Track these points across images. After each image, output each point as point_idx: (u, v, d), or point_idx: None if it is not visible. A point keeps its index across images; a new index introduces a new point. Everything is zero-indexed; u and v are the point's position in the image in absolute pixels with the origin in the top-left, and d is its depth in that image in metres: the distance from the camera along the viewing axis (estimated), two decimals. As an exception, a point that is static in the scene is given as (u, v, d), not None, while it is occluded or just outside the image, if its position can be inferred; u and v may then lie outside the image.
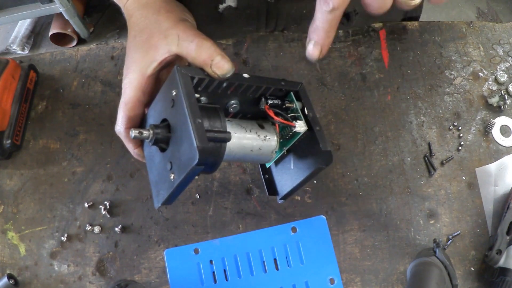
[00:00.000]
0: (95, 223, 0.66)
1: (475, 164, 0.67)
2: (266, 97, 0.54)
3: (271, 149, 0.54)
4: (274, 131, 0.54)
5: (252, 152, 0.53)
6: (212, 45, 0.48)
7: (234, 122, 0.53)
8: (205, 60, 0.48)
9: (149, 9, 0.52)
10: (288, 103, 0.55)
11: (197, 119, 0.44)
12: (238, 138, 0.52)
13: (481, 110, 0.71)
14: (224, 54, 0.48)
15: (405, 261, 0.62)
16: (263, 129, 0.54)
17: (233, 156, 0.53)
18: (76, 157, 0.71)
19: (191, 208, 0.66)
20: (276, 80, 0.54)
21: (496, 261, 0.57)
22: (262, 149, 0.53)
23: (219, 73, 0.48)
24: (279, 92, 0.54)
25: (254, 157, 0.54)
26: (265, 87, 0.53)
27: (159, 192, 0.49)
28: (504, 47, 0.75)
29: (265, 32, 0.77)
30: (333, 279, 0.58)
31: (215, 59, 0.47)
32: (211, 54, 0.48)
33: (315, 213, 0.62)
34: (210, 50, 0.48)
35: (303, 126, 0.52)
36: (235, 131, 0.51)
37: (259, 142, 0.53)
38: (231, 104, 0.54)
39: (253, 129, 0.53)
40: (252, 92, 0.53)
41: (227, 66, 0.48)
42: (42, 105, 0.75)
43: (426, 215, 0.65)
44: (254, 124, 0.54)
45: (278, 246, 0.59)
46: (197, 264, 0.58)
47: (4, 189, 0.69)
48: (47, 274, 0.64)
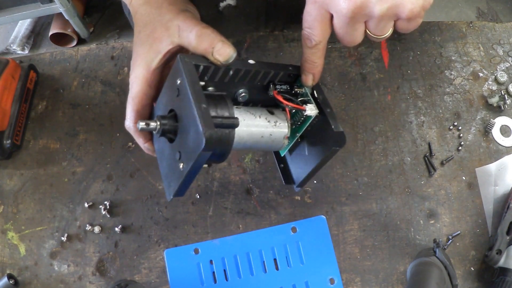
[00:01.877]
0: (95, 223, 0.66)
1: (475, 164, 0.67)
2: (275, 83, 0.53)
3: (282, 135, 0.53)
4: (285, 117, 0.53)
5: (263, 138, 0.52)
6: (212, 32, 0.48)
7: (243, 109, 0.52)
8: (206, 48, 0.47)
9: (152, 4, 0.52)
10: (297, 88, 0.54)
11: (202, 104, 0.43)
12: (247, 125, 0.51)
13: (481, 110, 0.71)
14: (225, 39, 0.48)
15: (405, 261, 0.62)
16: (273, 115, 0.53)
17: (243, 144, 0.52)
18: (76, 157, 0.71)
19: (191, 208, 0.66)
20: (284, 66, 0.53)
21: (496, 261, 0.57)
22: (273, 135, 0.52)
23: (221, 60, 0.47)
24: (287, 78, 0.53)
25: (266, 144, 0.53)
26: (273, 72, 0.52)
27: (170, 184, 0.48)
28: (504, 47, 0.75)
29: (265, 32, 0.77)
30: (333, 279, 0.58)
31: (216, 46, 0.47)
32: (211, 41, 0.47)
33: (315, 213, 0.62)
34: (210, 37, 0.48)
35: (314, 109, 0.51)
36: (244, 118, 0.51)
37: (269, 128, 0.52)
38: (239, 93, 0.53)
39: (262, 115, 0.52)
40: (260, 79, 0.52)
41: (228, 50, 0.47)
42: (42, 105, 0.75)
43: (426, 215, 0.65)
44: (263, 110, 0.53)
45: (278, 246, 0.59)
46: (197, 264, 0.58)
47: (4, 189, 0.69)
48: (47, 274, 0.64)
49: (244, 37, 0.77)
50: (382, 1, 0.42)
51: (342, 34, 0.47)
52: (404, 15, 0.43)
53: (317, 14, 0.46)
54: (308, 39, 0.48)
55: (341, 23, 0.46)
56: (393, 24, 0.46)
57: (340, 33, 0.47)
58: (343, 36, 0.47)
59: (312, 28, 0.47)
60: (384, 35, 0.47)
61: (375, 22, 0.45)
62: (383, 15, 0.43)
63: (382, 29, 0.45)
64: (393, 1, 0.42)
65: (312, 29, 0.47)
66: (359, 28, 0.46)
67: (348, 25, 0.45)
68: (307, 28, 0.48)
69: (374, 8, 0.43)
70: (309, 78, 0.51)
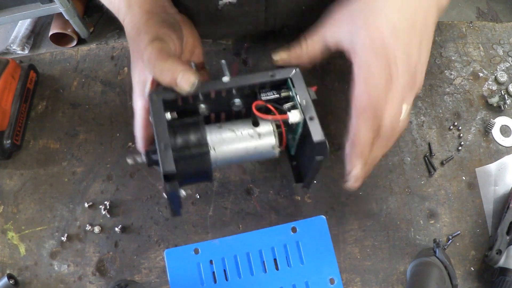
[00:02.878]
0: (95, 223, 0.66)
1: (475, 164, 0.67)
2: (260, 92, 0.53)
3: (269, 146, 0.53)
4: (271, 127, 0.53)
5: (248, 153, 0.53)
6: (173, 63, 0.48)
7: (225, 127, 0.53)
8: (170, 82, 0.48)
9: (134, 30, 0.52)
10: (284, 91, 0.53)
11: (162, 143, 0.48)
12: (228, 144, 0.52)
13: (481, 110, 0.71)
14: (187, 67, 0.48)
15: (405, 261, 0.62)
16: (258, 127, 0.53)
17: (230, 160, 0.53)
18: (76, 157, 0.71)
19: (191, 208, 0.66)
20: (264, 74, 0.52)
21: (496, 261, 0.57)
22: (258, 148, 0.53)
23: (186, 89, 0.48)
24: (273, 83, 0.53)
25: (255, 156, 0.54)
26: (248, 86, 0.52)
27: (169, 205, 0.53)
28: (504, 47, 0.75)
29: (265, 31, 0.77)
30: (333, 279, 0.58)
31: (178, 77, 0.47)
32: (172, 74, 0.47)
33: (315, 213, 0.62)
34: (170, 71, 0.48)
35: (298, 115, 0.50)
36: (223, 138, 0.52)
37: (253, 142, 0.52)
38: (233, 103, 0.54)
39: (245, 130, 0.53)
40: (243, 92, 0.53)
41: (191, 79, 0.47)
42: (42, 105, 0.75)
43: (426, 215, 0.65)
44: (248, 123, 0.53)
45: (278, 246, 0.59)
46: (197, 264, 0.58)
47: (4, 189, 0.70)
48: (47, 274, 0.64)
49: (244, 37, 0.77)
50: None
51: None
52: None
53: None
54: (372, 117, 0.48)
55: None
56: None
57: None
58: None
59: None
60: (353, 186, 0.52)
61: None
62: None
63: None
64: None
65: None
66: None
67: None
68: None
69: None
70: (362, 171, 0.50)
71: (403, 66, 0.46)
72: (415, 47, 0.47)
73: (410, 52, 0.47)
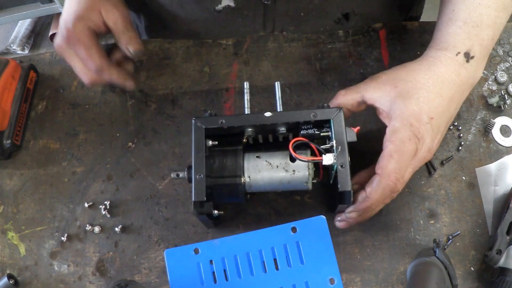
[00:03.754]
0: (95, 223, 0.66)
1: (475, 164, 0.67)
2: (302, 127, 0.56)
3: (302, 181, 0.56)
4: (306, 165, 0.56)
5: (282, 184, 0.57)
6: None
7: (263, 158, 0.56)
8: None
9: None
10: (324, 132, 0.56)
11: (199, 174, 0.52)
12: (263, 174, 0.56)
13: (481, 110, 0.71)
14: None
15: (405, 261, 0.62)
16: (294, 163, 0.56)
17: (264, 188, 0.57)
18: (76, 157, 0.71)
19: (191, 208, 0.66)
20: (307, 113, 0.55)
21: (496, 261, 0.57)
22: (292, 183, 0.56)
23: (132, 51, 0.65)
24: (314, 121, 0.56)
25: (288, 187, 0.57)
26: (287, 124, 0.55)
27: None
28: (504, 47, 0.75)
29: (265, 32, 0.77)
30: (333, 279, 0.58)
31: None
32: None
33: (315, 213, 0.62)
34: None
35: (332, 159, 0.53)
36: (259, 169, 0.56)
37: (287, 177, 0.56)
38: (278, 131, 0.56)
39: (280, 164, 0.56)
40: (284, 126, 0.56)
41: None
42: (42, 105, 0.75)
43: (426, 215, 0.65)
44: (285, 156, 0.56)
45: (278, 246, 0.59)
46: (197, 264, 0.58)
47: (4, 189, 0.70)
48: (47, 274, 0.64)
49: (244, 37, 0.77)
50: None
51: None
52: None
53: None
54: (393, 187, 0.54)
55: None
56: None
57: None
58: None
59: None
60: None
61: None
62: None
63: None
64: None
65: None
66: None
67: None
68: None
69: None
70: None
71: (426, 146, 0.54)
72: (440, 130, 0.56)
73: (435, 136, 0.55)
